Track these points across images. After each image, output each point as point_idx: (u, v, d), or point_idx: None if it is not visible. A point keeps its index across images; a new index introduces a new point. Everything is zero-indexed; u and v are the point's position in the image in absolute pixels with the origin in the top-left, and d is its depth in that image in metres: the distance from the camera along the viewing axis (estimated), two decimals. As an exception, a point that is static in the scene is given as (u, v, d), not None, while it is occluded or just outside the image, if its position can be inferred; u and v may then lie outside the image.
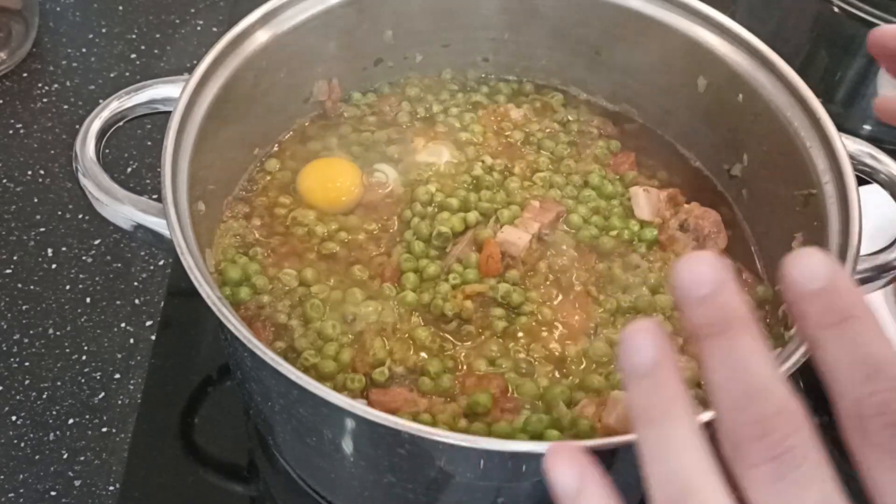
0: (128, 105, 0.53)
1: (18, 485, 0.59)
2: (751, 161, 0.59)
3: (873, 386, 0.27)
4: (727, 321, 0.29)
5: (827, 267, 0.29)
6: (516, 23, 0.64)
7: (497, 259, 0.55)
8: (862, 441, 0.27)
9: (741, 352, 0.29)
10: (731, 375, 0.28)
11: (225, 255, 0.56)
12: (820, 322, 0.28)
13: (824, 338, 0.28)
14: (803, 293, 0.29)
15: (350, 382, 0.50)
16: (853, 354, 0.28)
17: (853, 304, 0.28)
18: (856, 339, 0.28)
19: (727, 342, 0.29)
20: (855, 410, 0.27)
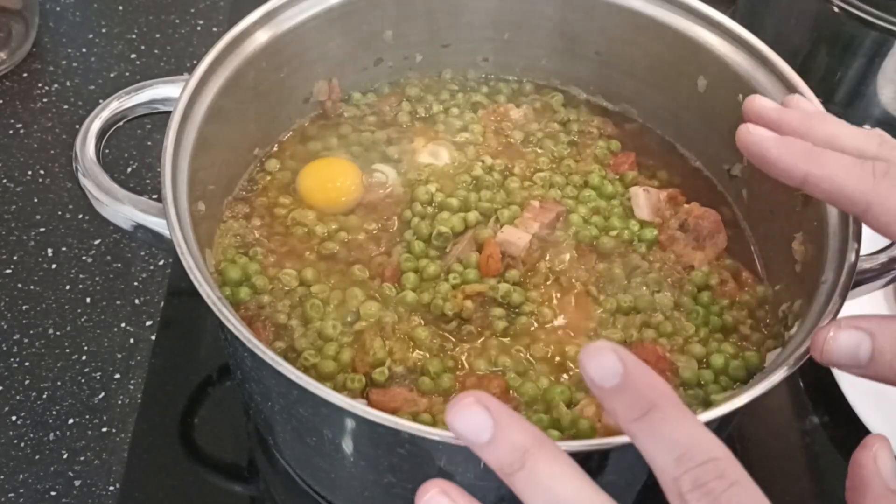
0: (128, 105, 0.53)
1: (18, 485, 0.59)
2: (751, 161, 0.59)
3: (684, 466, 0.30)
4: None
5: (620, 361, 0.31)
6: (516, 23, 0.64)
7: (497, 259, 0.55)
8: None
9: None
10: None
11: (225, 255, 0.56)
12: (627, 417, 0.32)
13: (634, 431, 0.32)
14: (604, 391, 0.32)
15: (350, 382, 0.50)
16: (662, 441, 0.31)
17: (652, 393, 0.31)
18: (661, 427, 0.31)
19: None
20: (675, 490, 0.30)
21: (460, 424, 0.33)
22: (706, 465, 0.30)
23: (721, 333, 0.54)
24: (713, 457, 0.31)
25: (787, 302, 0.54)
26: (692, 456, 0.30)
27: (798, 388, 0.65)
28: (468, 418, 0.33)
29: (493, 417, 0.32)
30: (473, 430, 0.33)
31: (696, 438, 0.31)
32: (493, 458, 0.33)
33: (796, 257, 0.54)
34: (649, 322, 0.54)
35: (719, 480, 0.30)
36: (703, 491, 0.30)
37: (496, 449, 0.32)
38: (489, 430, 0.32)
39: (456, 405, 0.33)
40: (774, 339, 0.54)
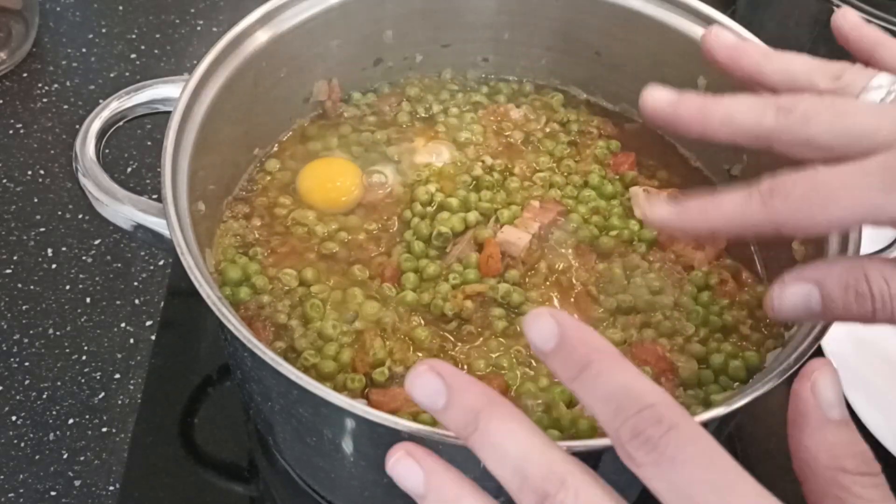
0: (128, 105, 0.53)
1: (18, 485, 0.59)
2: (751, 161, 0.59)
3: (622, 417, 0.30)
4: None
5: (554, 324, 0.32)
6: (516, 23, 0.65)
7: (497, 259, 0.55)
8: (633, 464, 0.30)
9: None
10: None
11: (225, 255, 0.56)
12: (567, 377, 0.32)
13: (575, 389, 0.32)
14: (545, 354, 0.33)
15: (350, 382, 0.50)
16: (599, 396, 0.31)
17: (587, 350, 0.32)
18: (596, 381, 0.31)
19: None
20: (617, 441, 0.31)
21: (418, 392, 0.33)
22: (642, 413, 0.30)
23: (721, 333, 0.54)
24: (648, 403, 0.30)
25: (787, 302, 0.54)
26: (628, 405, 0.31)
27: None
28: (423, 385, 0.33)
29: (446, 383, 0.33)
30: (430, 395, 0.33)
31: (630, 388, 0.31)
32: (451, 421, 0.33)
33: (796, 257, 0.54)
34: (649, 322, 0.54)
35: (657, 426, 0.30)
36: (641, 439, 0.30)
37: (452, 412, 0.33)
38: (444, 395, 0.33)
39: (412, 374, 0.34)
40: (774, 339, 0.54)
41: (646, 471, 0.30)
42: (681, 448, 0.30)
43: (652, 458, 0.30)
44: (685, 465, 0.30)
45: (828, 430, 0.34)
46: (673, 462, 0.30)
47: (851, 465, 0.33)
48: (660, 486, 0.30)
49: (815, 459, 0.33)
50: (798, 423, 0.34)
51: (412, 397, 0.34)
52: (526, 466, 0.31)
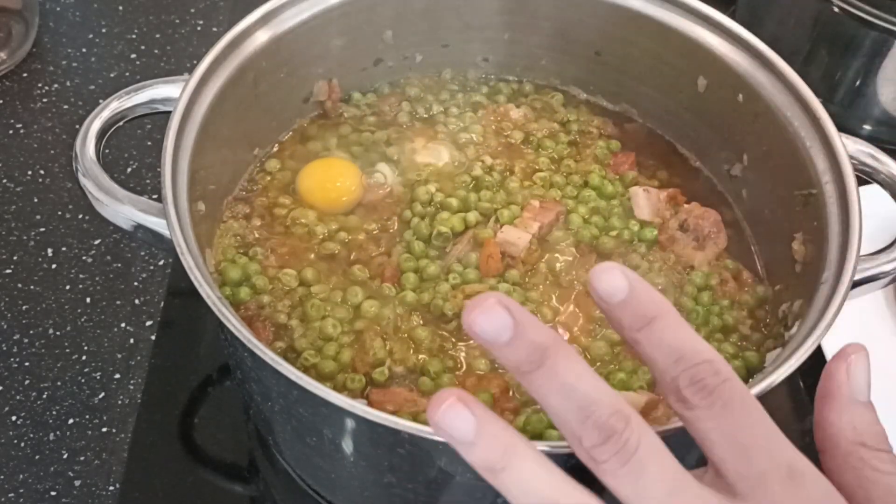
0: (128, 105, 0.53)
1: (18, 485, 0.59)
2: (751, 161, 0.59)
3: (682, 366, 0.34)
4: (538, 355, 0.33)
5: (625, 279, 0.34)
6: (516, 23, 0.64)
7: (497, 259, 0.55)
8: (683, 407, 0.34)
9: (562, 376, 0.33)
10: (562, 399, 0.33)
11: (225, 255, 0.56)
12: (632, 326, 0.35)
13: (638, 338, 0.35)
14: (612, 305, 0.35)
15: (350, 382, 0.50)
16: (662, 347, 0.34)
17: (654, 306, 0.34)
18: (661, 334, 0.34)
19: (547, 372, 0.33)
20: (672, 387, 0.34)
21: (483, 323, 0.34)
22: (701, 365, 0.33)
23: (721, 333, 0.54)
24: (707, 358, 0.34)
25: (787, 302, 0.54)
26: (690, 358, 0.34)
27: (798, 388, 0.65)
28: (490, 318, 0.34)
29: (514, 317, 0.34)
30: (496, 328, 0.33)
31: (692, 343, 0.34)
32: (513, 356, 0.34)
33: (796, 257, 0.54)
34: (649, 322, 0.54)
35: (714, 377, 0.33)
36: (698, 386, 0.33)
37: (517, 347, 0.34)
38: (510, 329, 0.33)
39: (475, 305, 0.34)
40: (774, 339, 0.54)
41: (698, 413, 0.33)
42: (734, 398, 0.33)
43: (707, 403, 0.33)
44: (735, 412, 0.33)
45: (855, 409, 0.37)
46: (725, 408, 0.33)
47: (872, 441, 0.37)
48: (709, 427, 0.33)
49: (839, 434, 0.37)
50: (827, 399, 0.38)
51: (471, 330, 0.34)
52: (593, 404, 0.33)
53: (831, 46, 0.78)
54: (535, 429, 0.48)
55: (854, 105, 0.80)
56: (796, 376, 0.43)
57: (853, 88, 0.79)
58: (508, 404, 0.50)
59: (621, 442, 0.32)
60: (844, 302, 0.46)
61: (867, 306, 0.68)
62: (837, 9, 0.74)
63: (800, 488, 0.33)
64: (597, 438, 0.33)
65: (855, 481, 0.36)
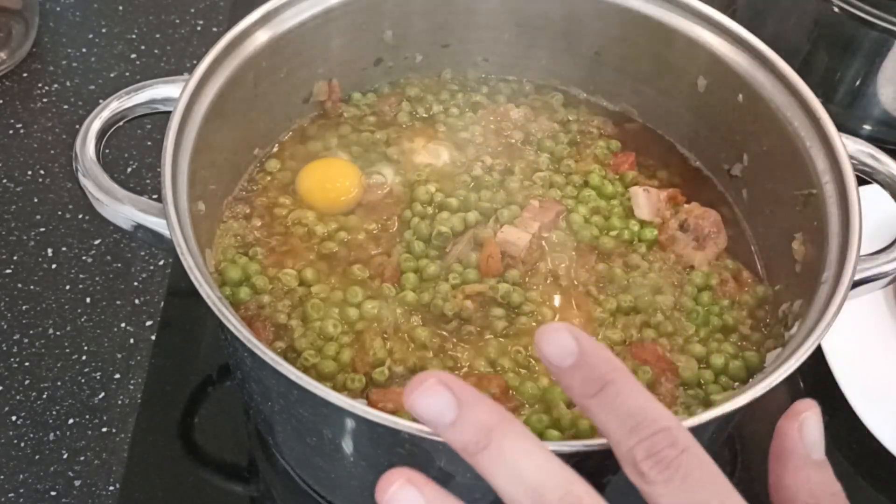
0: (128, 105, 0.53)
1: (18, 485, 0.59)
2: (751, 161, 0.59)
3: (638, 437, 0.32)
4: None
5: (574, 341, 0.33)
6: (516, 23, 0.64)
7: (497, 259, 0.55)
8: (642, 482, 0.32)
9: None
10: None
11: (225, 255, 0.56)
12: (583, 393, 0.33)
13: (590, 405, 0.33)
14: (561, 370, 0.33)
15: (350, 382, 0.50)
16: (616, 414, 0.32)
17: (606, 370, 0.33)
18: (615, 401, 0.33)
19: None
20: (630, 459, 0.32)
21: (423, 405, 0.33)
22: (658, 435, 0.32)
23: (721, 333, 0.54)
24: (664, 426, 0.32)
25: (787, 302, 0.54)
26: (645, 426, 0.32)
27: (798, 388, 0.65)
28: (430, 399, 0.33)
29: (455, 396, 0.33)
30: (438, 411, 0.32)
31: (647, 410, 0.32)
32: (458, 438, 0.33)
33: (796, 257, 0.54)
34: (649, 322, 0.54)
35: (671, 448, 0.32)
36: (655, 459, 0.32)
37: (461, 429, 0.33)
38: (453, 410, 0.32)
39: (415, 387, 0.33)
40: (774, 339, 0.54)
41: (656, 488, 0.32)
42: (693, 469, 0.31)
43: (665, 477, 0.31)
44: (696, 485, 0.31)
45: (810, 469, 0.36)
46: (685, 481, 0.31)
47: (827, 503, 0.35)
48: (667, 502, 0.32)
49: (794, 496, 0.35)
50: (781, 459, 0.36)
51: (414, 411, 0.33)
52: (542, 487, 0.32)
53: (831, 46, 0.78)
54: (535, 429, 0.48)
55: (854, 105, 0.80)
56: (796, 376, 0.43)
57: (853, 88, 0.79)
58: (508, 404, 0.50)
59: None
60: (844, 302, 0.46)
61: (867, 306, 0.68)
62: (837, 9, 0.74)
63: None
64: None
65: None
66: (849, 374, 0.63)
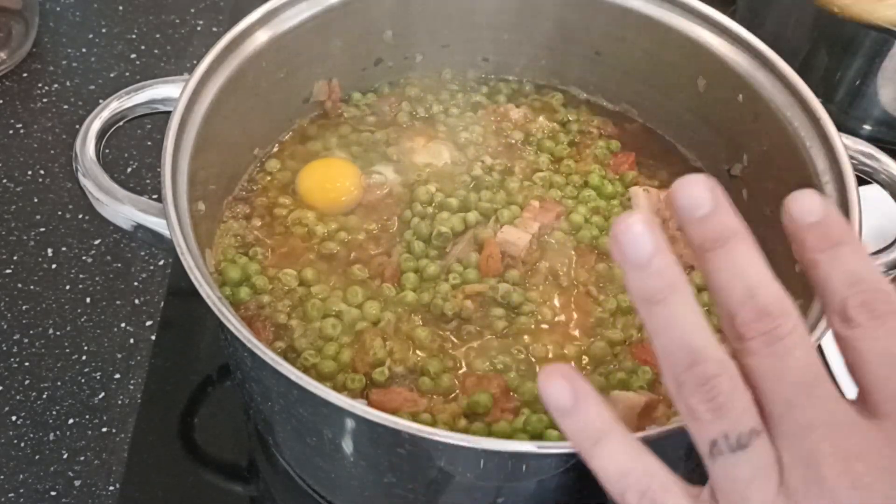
0: (128, 105, 0.53)
1: (18, 485, 0.59)
2: (751, 161, 0.59)
3: (856, 289, 0.34)
4: (725, 236, 0.34)
5: (821, 204, 0.35)
6: (516, 23, 0.64)
7: (497, 259, 0.55)
8: (844, 326, 0.34)
9: (739, 259, 0.34)
10: (731, 278, 0.34)
11: (225, 255, 0.56)
12: (817, 247, 0.35)
13: (819, 259, 0.35)
14: (803, 225, 0.35)
15: (350, 382, 0.50)
16: (843, 271, 0.34)
17: (843, 233, 0.35)
18: (844, 259, 0.34)
19: (726, 253, 0.34)
20: (839, 306, 0.34)
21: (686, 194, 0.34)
22: (879, 293, 0.34)
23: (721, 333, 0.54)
24: (887, 290, 0.34)
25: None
26: (868, 284, 0.34)
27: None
28: (695, 190, 0.34)
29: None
30: (699, 197, 0.34)
31: (875, 275, 0.34)
32: (713, 224, 0.34)
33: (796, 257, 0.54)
34: (649, 322, 0.54)
35: (887, 305, 0.33)
36: (868, 307, 0.33)
37: (718, 215, 0.34)
38: (710, 202, 0.34)
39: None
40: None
41: (858, 331, 0.33)
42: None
43: (874, 324, 0.33)
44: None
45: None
46: (891, 332, 0.33)
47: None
48: (867, 346, 0.33)
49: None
50: None
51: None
52: (759, 288, 0.33)
53: (831, 46, 0.78)
54: (535, 429, 0.48)
55: (854, 105, 0.80)
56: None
57: (853, 88, 0.79)
58: (508, 404, 0.50)
59: (774, 324, 0.33)
60: (844, 302, 0.46)
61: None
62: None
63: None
64: (750, 316, 0.33)
65: None
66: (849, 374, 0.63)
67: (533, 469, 0.43)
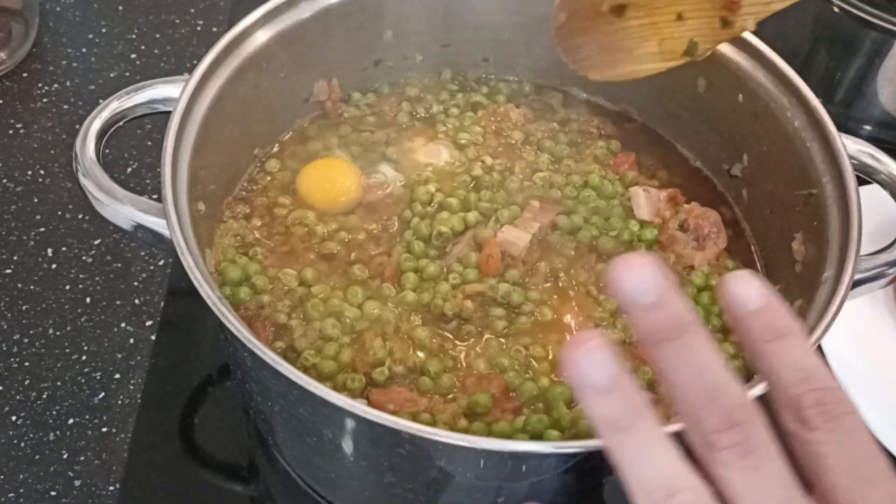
0: (128, 105, 0.53)
1: (18, 485, 0.59)
2: (751, 161, 0.59)
3: (809, 386, 0.33)
4: (678, 327, 0.32)
5: (760, 290, 0.34)
6: (516, 23, 0.64)
7: (497, 259, 0.55)
8: (802, 427, 0.33)
9: (697, 354, 0.32)
10: (691, 376, 0.32)
11: (225, 255, 0.56)
12: (762, 337, 0.34)
13: (765, 350, 0.34)
14: (744, 312, 0.34)
15: (350, 382, 0.50)
16: (790, 363, 0.33)
17: (787, 323, 0.34)
18: (791, 351, 0.33)
19: (681, 346, 0.32)
20: (794, 404, 0.33)
21: (629, 281, 0.32)
22: (829, 391, 0.33)
23: (721, 334, 0.54)
24: (834, 386, 0.33)
25: (787, 302, 0.53)
26: (816, 380, 0.33)
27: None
28: (638, 277, 0.32)
29: (661, 284, 0.32)
30: (639, 289, 0.32)
31: (820, 369, 0.34)
32: (652, 320, 0.32)
33: (796, 257, 0.54)
34: (649, 322, 0.54)
35: (839, 406, 0.33)
36: (823, 409, 0.33)
37: (657, 313, 0.32)
38: (654, 295, 0.32)
39: (625, 264, 0.32)
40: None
41: (818, 435, 0.33)
42: (857, 429, 0.33)
43: (830, 427, 0.32)
44: (857, 444, 0.33)
45: None
46: (849, 436, 0.33)
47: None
48: (826, 450, 0.32)
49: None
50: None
51: (615, 286, 0.32)
52: (724, 389, 0.32)
53: (831, 46, 0.78)
54: (535, 429, 0.48)
55: (854, 105, 0.80)
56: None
57: (853, 88, 0.79)
58: (508, 404, 0.50)
59: (744, 434, 0.31)
60: (844, 302, 0.46)
61: (867, 306, 0.68)
62: (837, 9, 0.74)
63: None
64: (720, 424, 0.31)
65: None
66: (849, 374, 0.63)
67: (533, 469, 0.43)
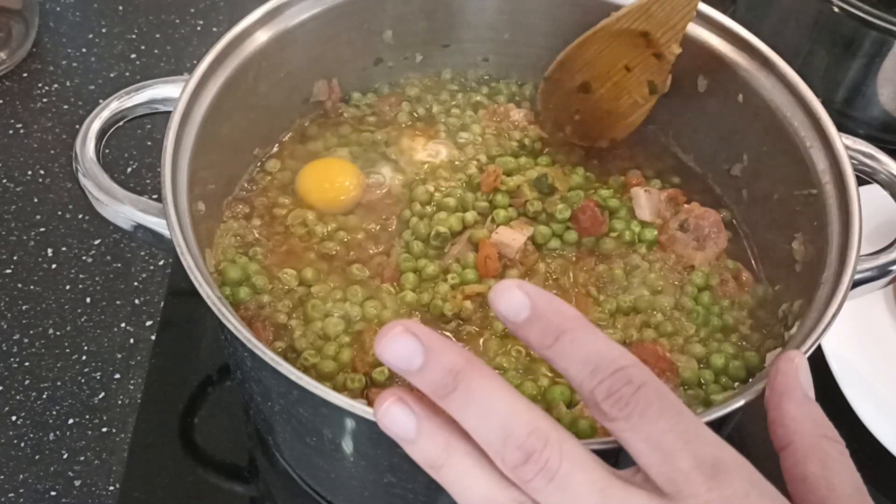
0: (128, 105, 0.53)
1: (18, 485, 0.59)
2: (751, 161, 0.59)
3: (597, 379, 0.33)
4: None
5: (525, 296, 0.34)
6: (516, 23, 0.64)
7: (495, 259, 0.55)
8: (605, 419, 0.34)
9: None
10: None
11: (225, 255, 0.56)
12: (541, 344, 0.34)
13: (550, 356, 0.34)
14: (517, 325, 0.34)
15: (350, 382, 0.50)
16: (574, 361, 0.34)
17: (560, 321, 0.34)
18: (571, 347, 0.34)
19: (462, 395, 0.33)
20: (592, 400, 0.34)
21: (391, 353, 0.34)
22: (615, 375, 0.33)
23: (721, 333, 0.54)
24: (620, 366, 0.33)
25: (787, 302, 0.54)
26: (602, 368, 0.33)
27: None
28: (398, 346, 0.34)
29: (422, 343, 0.34)
30: (405, 356, 0.34)
31: (604, 353, 0.34)
32: (428, 382, 0.34)
33: (796, 257, 0.54)
34: (649, 322, 0.54)
35: (628, 386, 0.33)
36: (615, 398, 0.33)
37: (430, 373, 0.34)
38: (420, 356, 0.33)
39: (383, 335, 0.34)
40: (774, 340, 0.54)
41: (618, 424, 0.33)
42: (651, 404, 0.33)
43: (625, 413, 0.33)
44: (653, 419, 0.33)
45: (810, 404, 0.39)
46: (643, 417, 0.33)
47: (831, 434, 0.38)
48: (632, 437, 0.33)
49: (801, 427, 0.38)
50: (785, 395, 0.39)
51: (384, 359, 0.34)
52: (511, 424, 0.33)
53: (831, 46, 0.78)
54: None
55: (854, 105, 0.80)
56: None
57: (853, 88, 0.79)
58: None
59: (542, 461, 0.33)
60: (844, 302, 0.46)
61: (867, 306, 0.68)
62: (837, 9, 0.74)
63: (725, 485, 0.33)
64: (518, 459, 0.33)
65: (819, 470, 0.37)
66: (849, 374, 0.63)
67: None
